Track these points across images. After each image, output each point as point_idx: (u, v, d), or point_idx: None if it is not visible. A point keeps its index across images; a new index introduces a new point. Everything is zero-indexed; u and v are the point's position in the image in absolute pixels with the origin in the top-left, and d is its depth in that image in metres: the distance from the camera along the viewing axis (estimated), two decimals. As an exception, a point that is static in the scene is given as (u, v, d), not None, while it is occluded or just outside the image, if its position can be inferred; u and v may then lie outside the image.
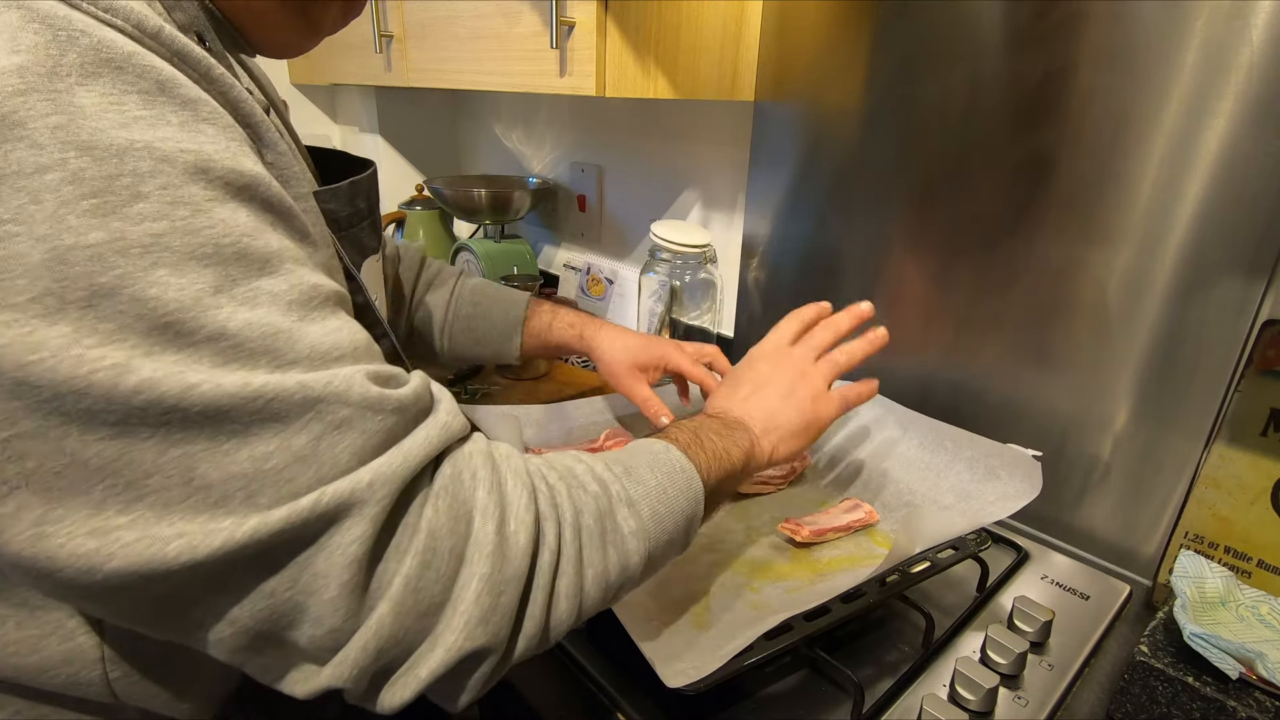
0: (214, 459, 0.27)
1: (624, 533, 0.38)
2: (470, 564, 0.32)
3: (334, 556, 0.29)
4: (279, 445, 0.28)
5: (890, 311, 0.89)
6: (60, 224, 0.25)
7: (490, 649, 0.33)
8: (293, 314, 0.30)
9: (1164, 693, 0.52)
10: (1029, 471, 0.66)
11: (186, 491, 0.27)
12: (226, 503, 0.28)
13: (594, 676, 0.57)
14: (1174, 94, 0.63)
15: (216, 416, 0.27)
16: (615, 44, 0.79)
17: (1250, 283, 0.62)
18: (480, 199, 1.29)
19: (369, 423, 0.30)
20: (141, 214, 0.26)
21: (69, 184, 0.25)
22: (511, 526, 0.33)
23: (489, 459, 0.35)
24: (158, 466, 0.27)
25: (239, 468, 0.28)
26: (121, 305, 0.26)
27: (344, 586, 0.29)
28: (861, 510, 0.72)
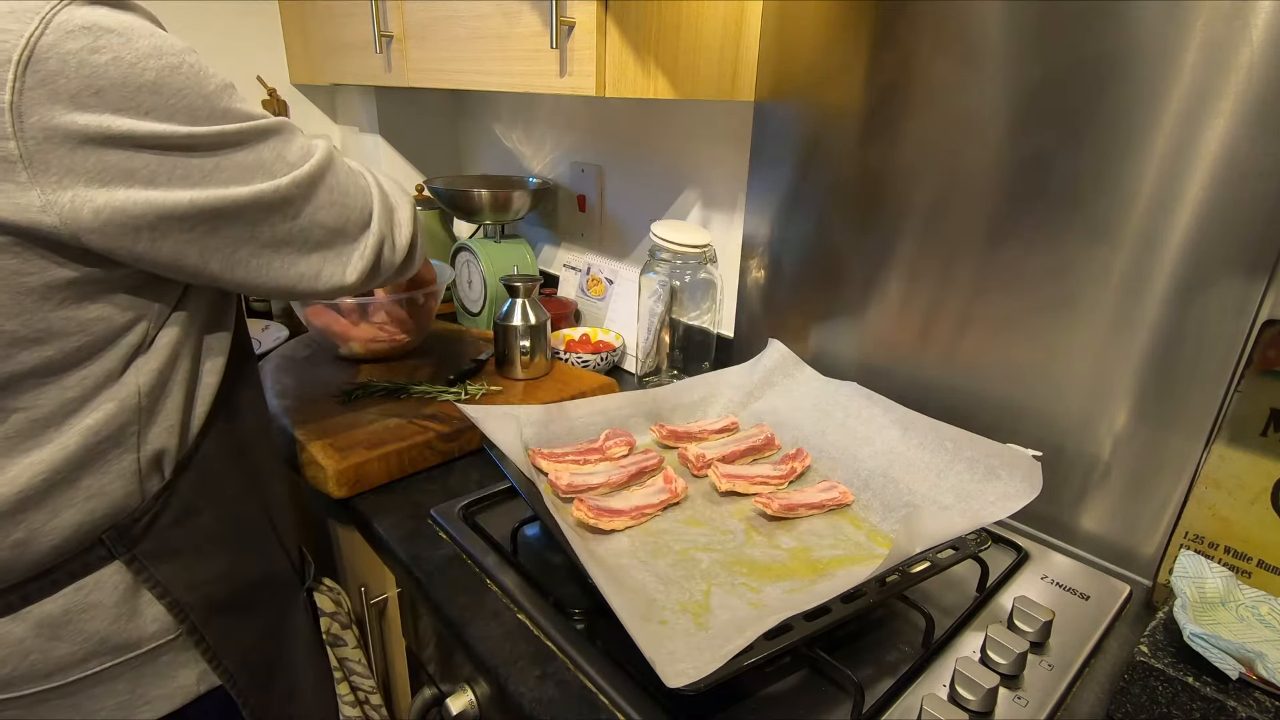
0: (287, 146, 0.54)
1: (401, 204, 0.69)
2: (397, 200, 0.66)
3: (343, 169, 0.59)
4: (297, 139, 0.56)
5: (890, 311, 0.89)
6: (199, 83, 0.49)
7: (418, 228, 0.69)
8: (238, 98, 0.52)
9: (1164, 693, 0.52)
10: (1029, 471, 0.66)
11: (285, 164, 0.54)
12: (300, 162, 0.55)
13: (594, 676, 0.57)
14: (1174, 94, 0.63)
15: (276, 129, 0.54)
16: (615, 44, 0.79)
17: (1250, 283, 0.62)
18: (480, 199, 1.29)
19: (300, 136, 0.56)
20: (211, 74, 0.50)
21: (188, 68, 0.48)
22: (386, 185, 0.66)
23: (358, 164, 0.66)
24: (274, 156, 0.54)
25: (296, 149, 0.55)
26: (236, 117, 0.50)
27: (352, 179, 0.61)
28: (836, 490, 0.74)
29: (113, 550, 0.54)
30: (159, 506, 0.56)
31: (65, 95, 0.42)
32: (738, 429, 0.89)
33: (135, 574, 0.55)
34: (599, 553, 0.65)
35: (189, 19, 1.47)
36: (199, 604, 0.59)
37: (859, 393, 0.85)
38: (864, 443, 0.80)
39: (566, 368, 1.11)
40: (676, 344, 1.11)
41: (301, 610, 0.73)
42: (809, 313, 0.99)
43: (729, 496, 0.76)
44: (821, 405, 0.87)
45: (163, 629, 0.57)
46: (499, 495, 0.81)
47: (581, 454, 0.79)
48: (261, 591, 0.66)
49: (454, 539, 0.74)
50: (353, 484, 0.82)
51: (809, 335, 1.00)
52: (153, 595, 0.56)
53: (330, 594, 0.80)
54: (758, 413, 0.91)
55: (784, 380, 0.93)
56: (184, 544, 0.58)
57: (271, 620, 0.68)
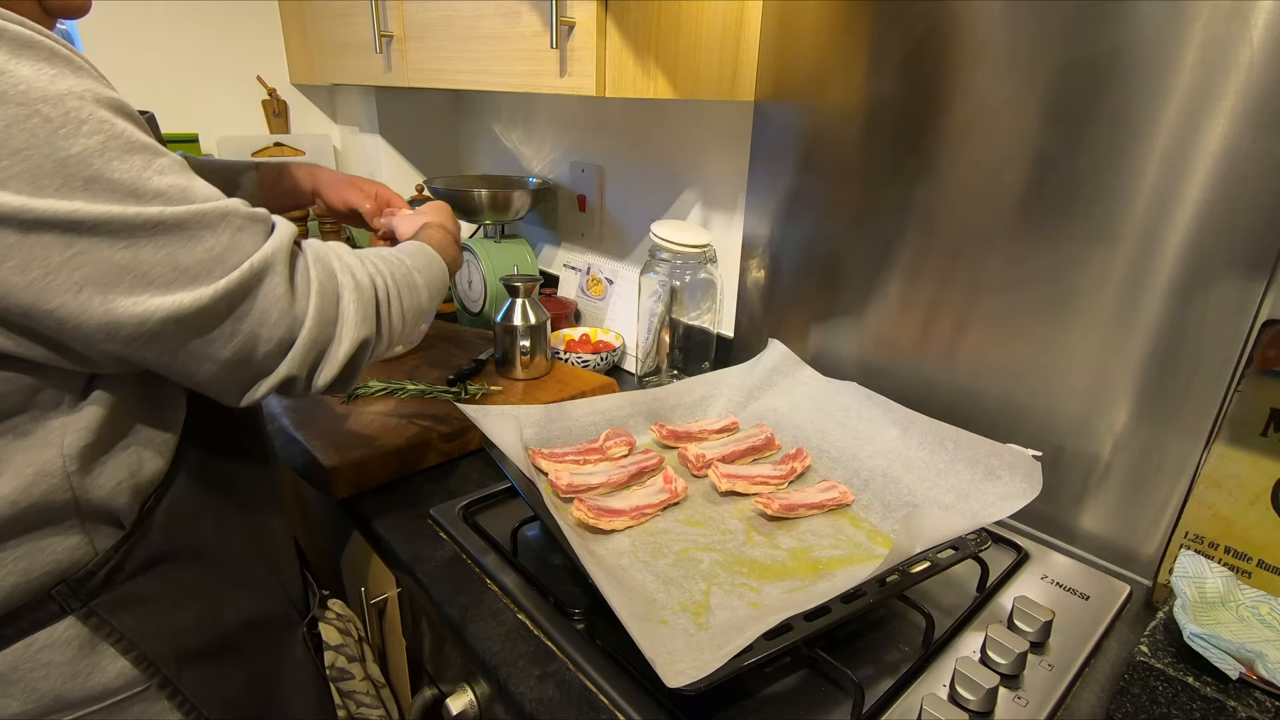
0: (184, 252, 0.44)
1: (417, 284, 0.62)
2: (345, 297, 0.53)
3: (269, 297, 0.48)
4: (215, 241, 0.45)
5: (890, 311, 0.89)
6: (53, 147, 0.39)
7: (370, 337, 0.55)
8: (185, 176, 0.45)
9: (1164, 693, 0.52)
10: (1029, 471, 0.66)
11: (176, 273, 0.43)
12: (200, 277, 0.44)
13: (594, 676, 0.57)
14: (1174, 94, 0.63)
15: (180, 225, 0.43)
16: (615, 44, 0.79)
17: (1250, 283, 0.62)
18: (480, 199, 1.29)
19: (255, 226, 0.48)
20: (89, 131, 0.41)
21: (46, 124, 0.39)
22: (359, 276, 0.55)
23: (331, 248, 0.55)
24: (156, 261, 0.43)
25: (199, 256, 0.44)
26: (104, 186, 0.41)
27: (282, 312, 0.49)
28: (836, 490, 0.74)
29: (65, 605, 0.50)
30: (119, 557, 0.52)
31: None
32: (738, 429, 0.89)
33: (93, 629, 0.51)
34: (599, 553, 0.65)
35: (189, 19, 1.47)
36: (170, 655, 0.54)
37: (859, 393, 0.85)
38: (864, 443, 0.80)
39: (566, 368, 1.11)
40: (676, 344, 1.11)
41: (300, 647, 0.68)
42: (809, 313, 0.99)
43: (729, 496, 0.76)
44: (821, 405, 0.87)
45: (130, 681, 0.53)
46: (499, 495, 0.81)
47: (581, 454, 0.79)
48: (249, 634, 0.61)
49: (454, 539, 0.74)
50: (353, 484, 0.82)
51: (809, 335, 1.00)
52: (115, 650, 0.52)
53: (338, 623, 0.75)
54: (758, 413, 0.91)
55: (784, 380, 0.93)
56: (152, 592, 0.54)
57: (261, 663, 0.63)
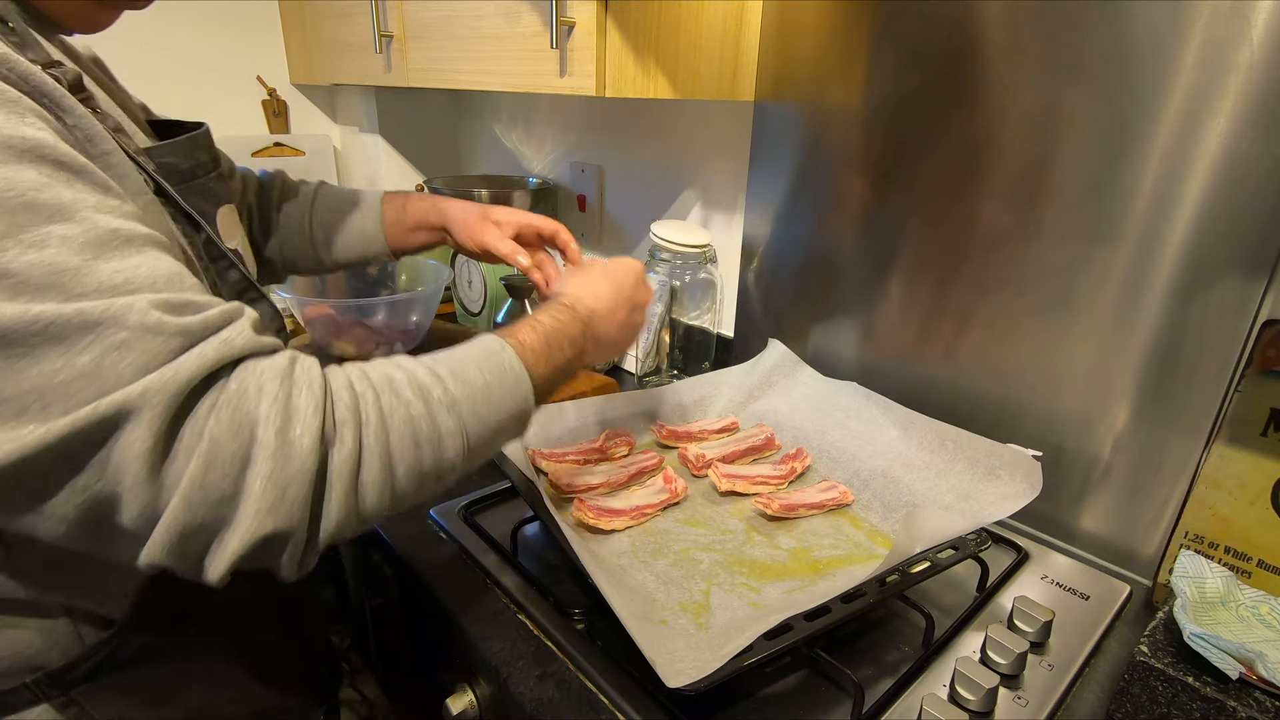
0: (6, 376, 0.32)
1: (442, 432, 0.43)
2: (255, 464, 0.36)
3: (124, 454, 0.34)
4: (65, 363, 0.33)
5: (890, 311, 0.89)
6: None
7: (287, 531, 0.37)
8: (85, 253, 0.34)
9: (1164, 693, 0.52)
10: (1029, 471, 0.66)
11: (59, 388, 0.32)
12: (26, 412, 0.32)
13: (594, 676, 0.57)
14: (1174, 94, 0.63)
15: (4, 339, 0.32)
16: (615, 44, 0.79)
17: (1250, 283, 0.62)
18: (480, 199, 1.29)
19: (149, 343, 0.34)
20: None
21: None
22: (296, 431, 0.37)
23: (281, 374, 0.38)
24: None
25: (31, 383, 0.32)
26: None
27: (137, 478, 0.34)
28: (836, 490, 0.74)
29: (40, 694, 0.45)
30: (108, 650, 0.47)
31: None
32: (738, 429, 0.89)
33: (73, 717, 0.46)
34: (599, 553, 0.65)
35: (189, 19, 1.47)
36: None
37: (859, 393, 0.85)
38: (864, 443, 0.80)
39: (566, 368, 1.11)
40: (676, 344, 1.11)
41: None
42: (809, 313, 0.99)
43: (729, 496, 0.76)
44: (821, 405, 0.87)
45: None
46: (499, 495, 0.81)
47: (581, 454, 0.79)
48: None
49: (454, 539, 0.74)
50: (353, 484, 0.81)
51: (809, 335, 1.00)
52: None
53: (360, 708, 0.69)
54: (758, 413, 0.91)
55: (784, 380, 0.94)
56: (144, 683, 0.49)
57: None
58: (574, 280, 0.61)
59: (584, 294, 0.59)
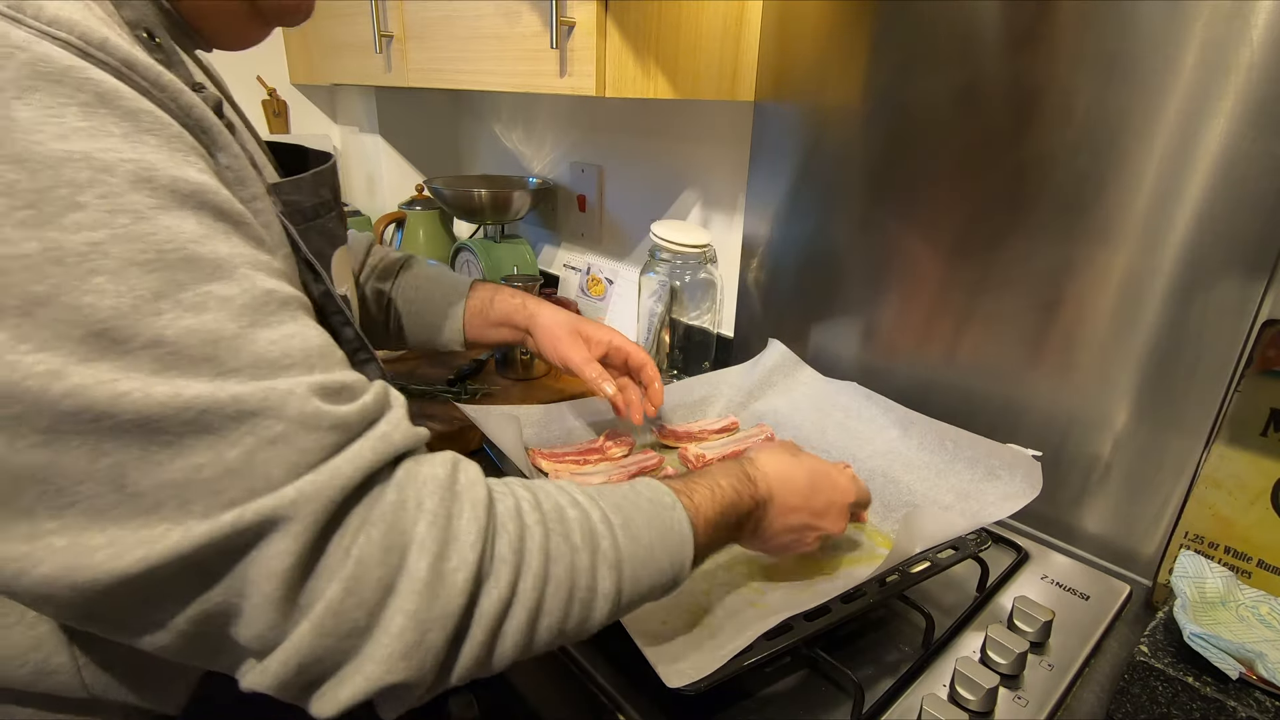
0: (145, 468, 0.28)
1: (598, 592, 0.38)
2: (399, 596, 0.32)
3: (260, 568, 0.29)
4: (213, 457, 0.28)
5: (890, 311, 0.89)
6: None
7: (412, 683, 0.32)
8: (243, 319, 0.30)
9: (1164, 693, 0.52)
10: (1029, 471, 0.66)
11: (118, 498, 0.27)
12: (159, 509, 0.28)
13: (594, 676, 0.57)
14: (1174, 94, 0.63)
15: (147, 426, 0.27)
16: (615, 44, 0.79)
17: (1250, 283, 0.62)
18: (480, 199, 1.29)
19: (304, 439, 0.30)
20: (78, 223, 0.26)
21: (3, 197, 0.26)
22: (451, 563, 0.33)
23: (443, 487, 0.34)
24: (89, 474, 0.27)
25: (171, 476, 0.28)
26: (56, 313, 0.26)
27: (267, 598, 0.30)
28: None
29: None
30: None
31: None
32: (738, 429, 0.89)
33: None
34: (599, 553, 0.65)
35: (189, 19, 1.47)
36: None
37: (859, 393, 0.85)
38: (864, 443, 0.80)
39: (566, 368, 1.11)
40: (676, 344, 1.11)
41: None
42: (809, 313, 0.99)
43: (729, 496, 0.76)
44: (821, 405, 0.87)
45: None
46: (499, 495, 0.81)
47: (581, 454, 0.79)
48: None
49: (454, 539, 0.74)
50: (353, 484, 0.81)
51: (809, 335, 1.00)
52: None
53: None
54: (758, 413, 0.91)
55: (784, 380, 0.93)
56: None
57: None
58: (773, 455, 0.55)
59: (774, 473, 0.52)
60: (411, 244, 1.47)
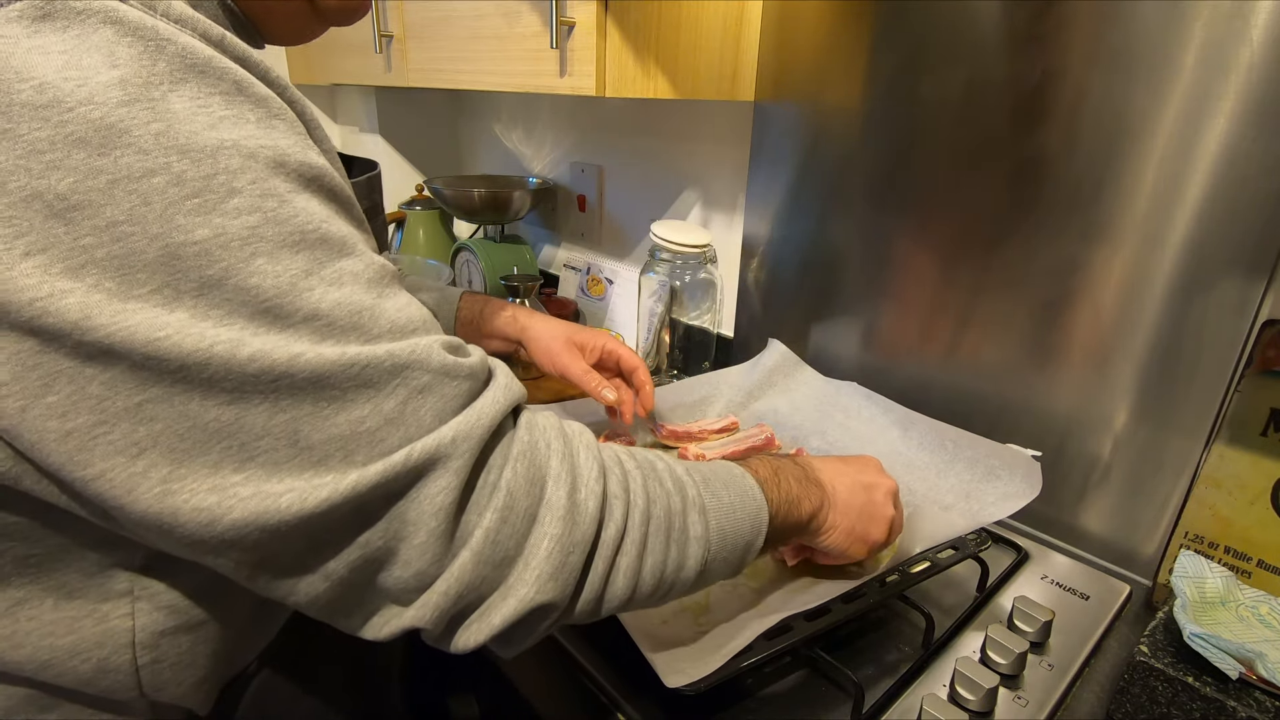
0: (316, 422, 0.30)
1: (690, 535, 0.40)
2: (543, 524, 0.35)
3: (424, 505, 0.32)
4: (372, 409, 0.31)
5: (890, 311, 0.89)
6: (169, 223, 0.27)
7: (556, 604, 0.36)
8: (372, 291, 0.33)
9: (1164, 693, 0.52)
10: (1029, 471, 0.66)
11: (293, 452, 0.30)
12: (328, 461, 0.31)
13: (594, 676, 0.57)
14: (1174, 94, 0.63)
15: (319, 383, 0.30)
16: (615, 44, 0.79)
17: (1250, 283, 0.62)
18: (480, 199, 1.29)
19: (447, 387, 0.34)
20: (238, 209, 0.29)
21: (174, 186, 0.28)
22: (582, 494, 0.36)
23: (561, 432, 0.38)
24: (268, 429, 0.30)
25: (338, 429, 0.31)
26: (228, 294, 0.29)
27: (432, 533, 0.33)
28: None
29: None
30: None
31: None
32: (738, 429, 0.89)
33: None
34: (599, 553, 0.65)
35: (189, 19, 1.47)
36: None
37: (859, 393, 0.85)
38: (864, 443, 0.80)
39: (566, 368, 1.11)
40: (676, 344, 1.11)
41: None
42: (809, 313, 0.99)
43: (729, 496, 0.76)
44: (822, 405, 0.87)
45: None
46: (499, 495, 0.81)
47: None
48: None
49: (454, 539, 0.74)
50: (353, 484, 0.81)
51: (809, 335, 1.00)
52: None
53: None
54: (758, 413, 0.91)
55: (784, 380, 0.93)
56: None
57: None
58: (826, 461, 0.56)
59: (818, 464, 0.54)
60: (411, 244, 1.47)
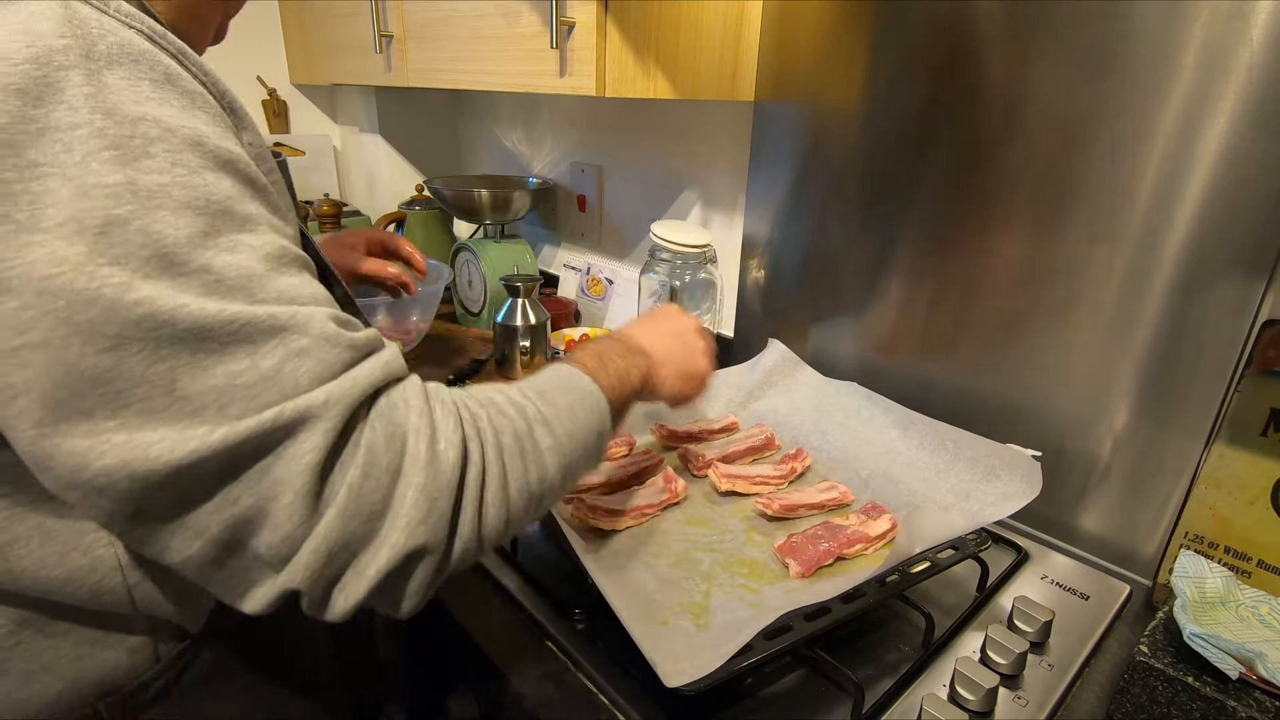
0: (193, 373, 0.32)
1: (542, 448, 0.43)
2: (407, 476, 0.37)
3: (291, 465, 0.34)
4: (249, 365, 0.33)
5: (890, 311, 0.89)
6: (85, 168, 0.31)
7: (429, 548, 0.38)
8: (266, 264, 0.35)
9: (1164, 693, 0.52)
10: (1029, 471, 0.66)
11: (168, 401, 0.32)
12: (202, 413, 0.33)
13: (594, 676, 0.57)
14: (1174, 94, 0.63)
15: (199, 334, 0.32)
16: (615, 44, 0.79)
17: (1250, 283, 0.62)
18: (480, 199, 1.29)
19: (326, 353, 0.36)
20: (149, 168, 0.32)
21: (95, 138, 0.31)
22: (441, 445, 0.38)
23: (421, 392, 0.40)
24: (145, 377, 0.32)
25: (215, 382, 0.33)
26: (129, 234, 0.31)
27: (298, 493, 0.34)
28: (836, 490, 0.74)
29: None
30: (181, 666, 0.47)
31: None
32: (738, 429, 0.89)
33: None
34: (599, 553, 0.65)
35: (189, 19, 1.47)
36: None
37: (859, 393, 0.85)
38: (864, 443, 0.80)
39: (566, 368, 1.11)
40: (676, 344, 1.11)
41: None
42: (809, 313, 0.99)
43: (729, 496, 0.76)
44: (821, 405, 0.87)
45: None
46: (499, 495, 0.81)
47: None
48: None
49: (454, 539, 0.74)
50: (353, 484, 0.81)
51: (809, 335, 1.00)
52: None
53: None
54: (758, 413, 0.91)
55: (784, 380, 0.94)
56: (211, 707, 0.49)
57: None
58: (626, 328, 0.63)
59: (630, 332, 0.60)
60: (411, 244, 1.47)
